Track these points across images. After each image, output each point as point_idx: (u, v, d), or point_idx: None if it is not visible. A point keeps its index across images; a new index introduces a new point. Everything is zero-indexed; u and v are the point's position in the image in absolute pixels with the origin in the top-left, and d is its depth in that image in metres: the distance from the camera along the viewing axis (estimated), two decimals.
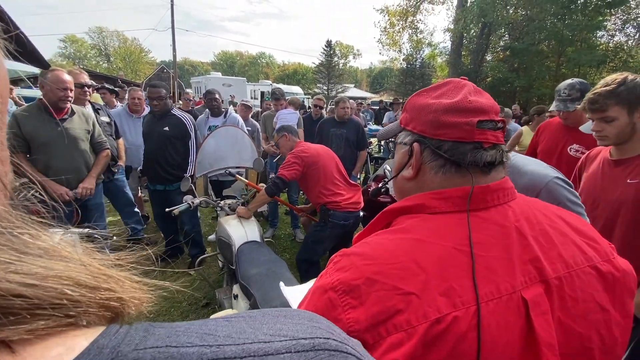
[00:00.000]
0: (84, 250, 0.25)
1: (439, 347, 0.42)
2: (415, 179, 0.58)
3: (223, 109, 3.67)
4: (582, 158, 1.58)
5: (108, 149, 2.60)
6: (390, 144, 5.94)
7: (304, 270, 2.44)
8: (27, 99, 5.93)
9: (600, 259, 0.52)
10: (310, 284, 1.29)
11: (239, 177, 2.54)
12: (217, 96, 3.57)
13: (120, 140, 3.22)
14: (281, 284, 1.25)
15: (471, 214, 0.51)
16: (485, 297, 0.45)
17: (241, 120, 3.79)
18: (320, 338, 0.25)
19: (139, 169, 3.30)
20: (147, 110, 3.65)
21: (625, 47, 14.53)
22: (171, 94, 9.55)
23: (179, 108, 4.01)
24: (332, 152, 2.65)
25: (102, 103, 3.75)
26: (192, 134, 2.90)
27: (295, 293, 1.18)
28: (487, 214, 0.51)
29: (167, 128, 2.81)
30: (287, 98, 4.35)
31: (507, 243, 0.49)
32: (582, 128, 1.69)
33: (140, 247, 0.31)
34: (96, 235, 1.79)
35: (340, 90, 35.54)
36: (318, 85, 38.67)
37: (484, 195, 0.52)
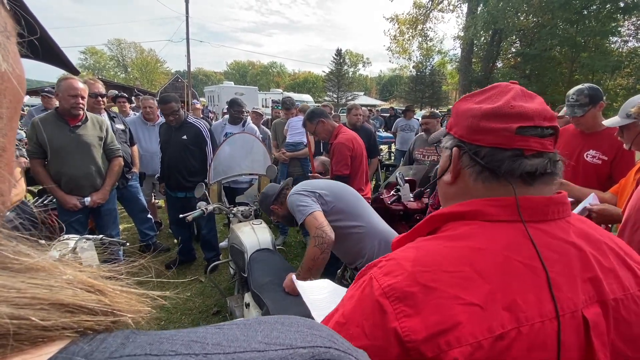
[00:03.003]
0: (72, 261, 0.23)
1: None
2: (455, 184, 0.57)
3: (242, 117, 3.75)
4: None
5: (120, 156, 2.65)
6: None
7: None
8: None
9: None
10: (319, 282, 1.26)
11: None
12: (243, 109, 3.64)
13: (135, 148, 3.30)
14: (293, 277, 1.22)
15: (532, 225, 0.49)
16: (549, 314, 0.43)
17: (258, 130, 3.84)
18: (321, 347, 0.23)
19: (156, 176, 3.36)
20: (161, 118, 3.74)
21: (639, 52, 14.20)
22: (184, 103, 9.76)
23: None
24: (362, 141, 2.63)
25: (117, 111, 3.87)
26: (208, 140, 2.95)
27: (305, 289, 1.15)
28: (548, 227, 0.50)
29: (185, 137, 2.87)
30: (297, 106, 4.39)
31: (569, 259, 0.47)
32: (606, 122, 1.62)
33: (149, 255, 0.30)
34: (110, 241, 1.83)
35: (350, 97, 35.74)
36: (328, 93, 38.98)
37: (546, 207, 0.51)
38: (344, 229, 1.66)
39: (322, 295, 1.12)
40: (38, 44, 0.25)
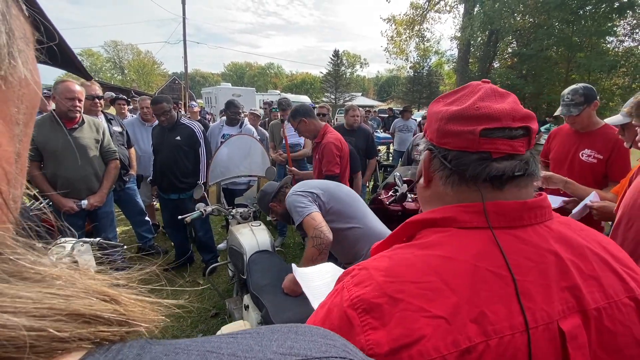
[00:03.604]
0: (87, 270, 0.23)
1: None
2: (429, 188, 0.56)
3: (239, 118, 3.76)
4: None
5: (117, 158, 2.64)
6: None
7: None
8: None
9: None
10: (321, 266, 1.26)
11: None
12: (240, 110, 3.66)
13: (132, 150, 3.28)
14: (293, 265, 1.23)
15: (505, 231, 0.47)
16: (519, 327, 0.41)
17: (255, 131, 3.84)
18: (336, 357, 0.23)
19: (149, 179, 3.35)
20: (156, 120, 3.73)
21: (635, 52, 14.29)
22: (182, 105, 9.74)
23: (188, 118, 4.10)
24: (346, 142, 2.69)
25: (114, 113, 3.85)
26: (202, 142, 2.94)
27: (306, 276, 1.15)
28: (523, 233, 0.47)
29: (179, 137, 2.86)
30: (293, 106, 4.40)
31: (545, 267, 0.45)
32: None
33: (150, 259, 0.30)
34: (107, 244, 1.81)
35: (347, 98, 35.80)
36: (326, 94, 39.02)
37: (521, 213, 0.48)
38: (341, 230, 1.67)
39: (322, 281, 1.11)
40: (57, 50, 0.25)
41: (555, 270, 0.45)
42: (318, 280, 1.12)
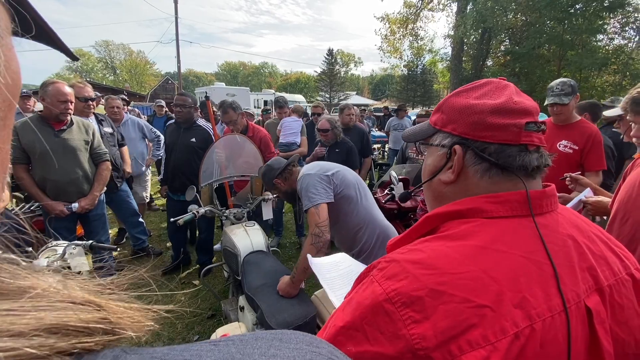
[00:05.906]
0: (72, 277, 0.22)
1: None
2: (456, 183, 0.55)
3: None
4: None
5: (108, 160, 2.59)
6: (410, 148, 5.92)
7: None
8: None
9: (633, 267, 0.52)
10: (335, 257, 1.25)
11: None
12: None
13: (125, 149, 3.25)
14: (308, 256, 1.22)
15: (530, 219, 0.49)
16: (557, 308, 0.43)
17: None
18: None
19: (159, 178, 3.34)
20: (125, 117, 3.72)
21: (625, 50, 14.51)
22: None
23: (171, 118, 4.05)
24: None
25: (104, 113, 3.80)
26: None
27: (322, 267, 1.13)
28: (545, 220, 0.50)
29: (193, 139, 2.85)
30: (290, 106, 4.38)
31: (567, 250, 0.48)
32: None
33: (146, 260, 0.29)
34: (99, 247, 1.78)
35: (342, 97, 35.79)
36: (320, 93, 38.97)
37: (541, 201, 0.51)
38: (345, 215, 1.70)
39: (337, 273, 1.11)
40: (31, 21, 0.23)
41: (575, 253, 0.48)
42: (333, 272, 1.11)
